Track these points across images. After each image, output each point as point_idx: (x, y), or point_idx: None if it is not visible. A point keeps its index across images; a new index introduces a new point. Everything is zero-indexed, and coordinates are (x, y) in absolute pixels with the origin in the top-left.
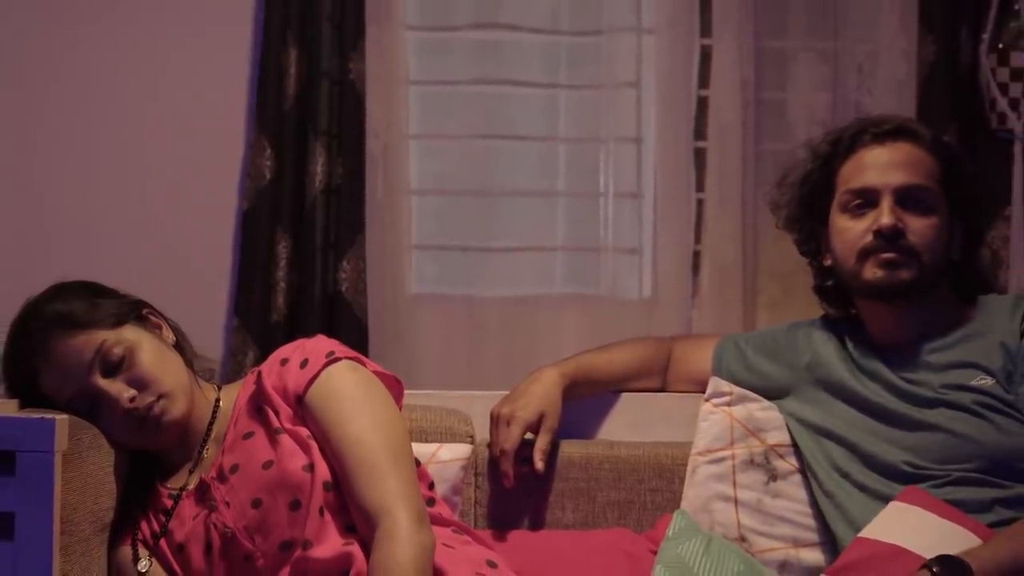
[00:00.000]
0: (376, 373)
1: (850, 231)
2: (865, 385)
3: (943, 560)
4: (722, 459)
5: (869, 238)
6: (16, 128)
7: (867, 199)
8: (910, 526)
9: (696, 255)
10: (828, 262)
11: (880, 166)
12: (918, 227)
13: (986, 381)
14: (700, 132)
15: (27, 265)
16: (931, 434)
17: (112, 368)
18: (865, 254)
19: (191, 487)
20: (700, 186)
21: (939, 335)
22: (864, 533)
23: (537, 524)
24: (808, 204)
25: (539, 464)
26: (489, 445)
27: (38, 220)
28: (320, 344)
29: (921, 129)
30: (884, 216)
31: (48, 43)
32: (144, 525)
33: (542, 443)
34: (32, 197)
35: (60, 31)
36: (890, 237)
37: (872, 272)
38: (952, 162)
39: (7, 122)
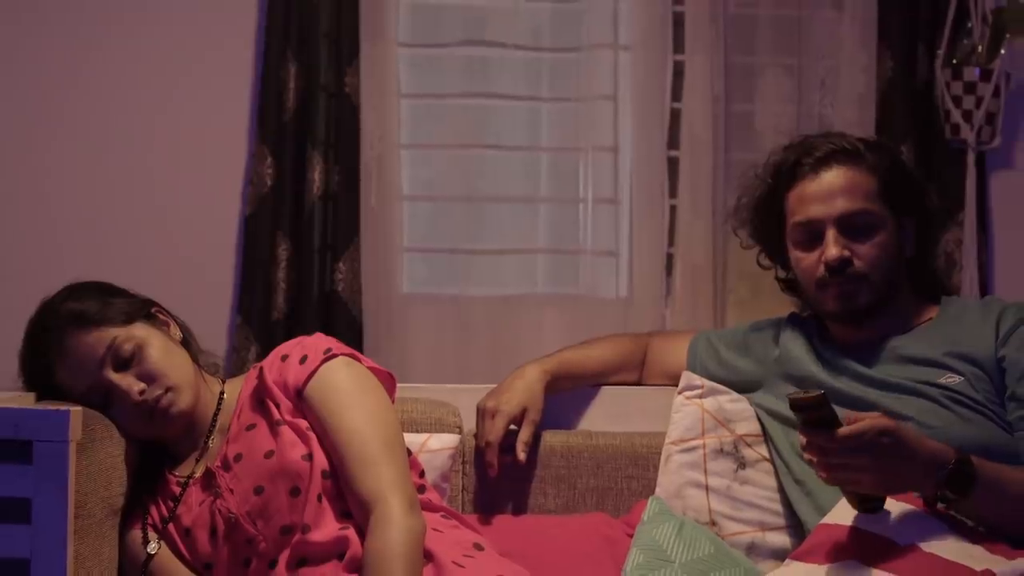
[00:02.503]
0: (370, 368)
1: (803, 261)
2: (836, 378)
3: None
4: (694, 448)
5: (821, 269)
6: (36, 140)
7: (812, 230)
8: None
9: (669, 257)
10: (792, 275)
11: (820, 197)
12: (864, 251)
13: (953, 379)
14: (673, 142)
15: (43, 266)
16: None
17: (123, 363)
18: (821, 285)
19: (197, 475)
20: (673, 193)
21: (902, 332)
22: (826, 519)
23: (521, 509)
24: (765, 228)
25: (521, 455)
26: (475, 436)
27: (55, 224)
28: (318, 341)
29: (853, 146)
30: (830, 249)
31: (66, 60)
32: (153, 510)
33: (524, 435)
34: (50, 202)
35: (78, 49)
36: (837, 269)
37: (832, 303)
38: (889, 169)
39: (27, 135)
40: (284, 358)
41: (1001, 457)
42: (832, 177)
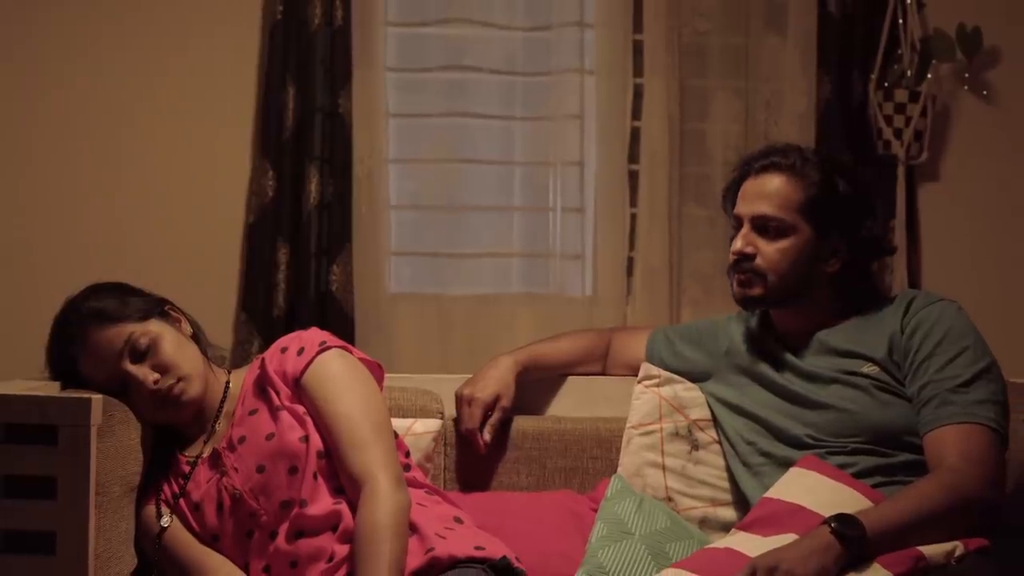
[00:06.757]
0: (361, 360)
1: (730, 248)
2: (772, 369)
3: (840, 517)
4: (652, 432)
5: (732, 258)
6: (69, 158)
7: (738, 223)
8: (806, 487)
9: (630, 260)
10: None
11: (749, 196)
12: (767, 251)
13: (873, 368)
14: (633, 157)
15: (67, 268)
16: (827, 411)
17: (139, 355)
18: (728, 271)
19: (206, 455)
20: (633, 202)
21: (830, 327)
22: (768, 494)
23: (496, 486)
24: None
25: (487, 436)
26: (455, 420)
27: (79, 229)
28: (314, 335)
29: (791, 161)
30: (737, 242)
31: (87, 85)
32: (166, 487)
33: (493, 419)
34: (74, 210)
35: (102, 76)
36: (739, 259)
37: (732, 288)
38: (821, 187)
39: (53, 152)
40: (283, 350)
41: (916, 436)
42: (763, 182)
